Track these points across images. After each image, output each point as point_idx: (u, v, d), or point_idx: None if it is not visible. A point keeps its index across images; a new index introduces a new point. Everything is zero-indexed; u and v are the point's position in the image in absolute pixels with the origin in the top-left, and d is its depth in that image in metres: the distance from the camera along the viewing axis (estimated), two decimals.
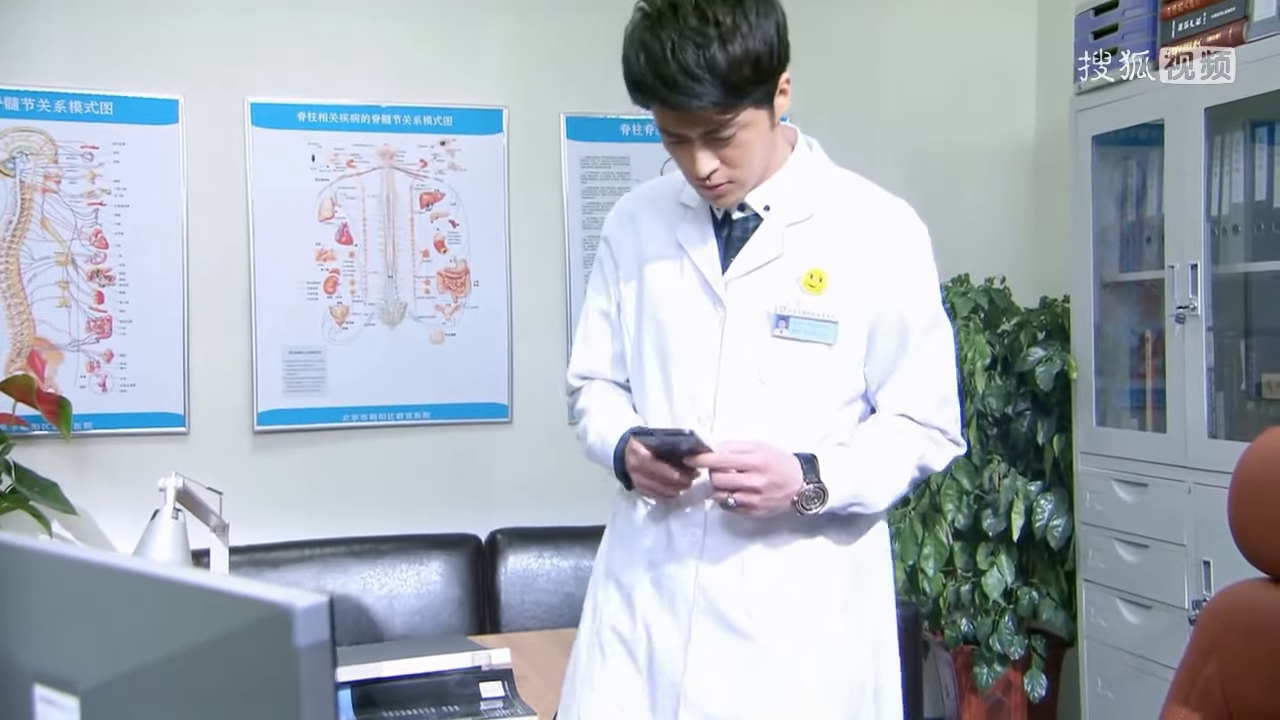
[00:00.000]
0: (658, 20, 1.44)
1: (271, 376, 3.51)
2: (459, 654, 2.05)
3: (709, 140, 1.48)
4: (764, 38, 1.44)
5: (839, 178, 1.66)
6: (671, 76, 1.41)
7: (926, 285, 1.66)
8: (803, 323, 1.55)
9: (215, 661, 0.66)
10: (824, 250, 1.58)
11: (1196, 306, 2.70)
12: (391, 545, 3.50)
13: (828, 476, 1.53)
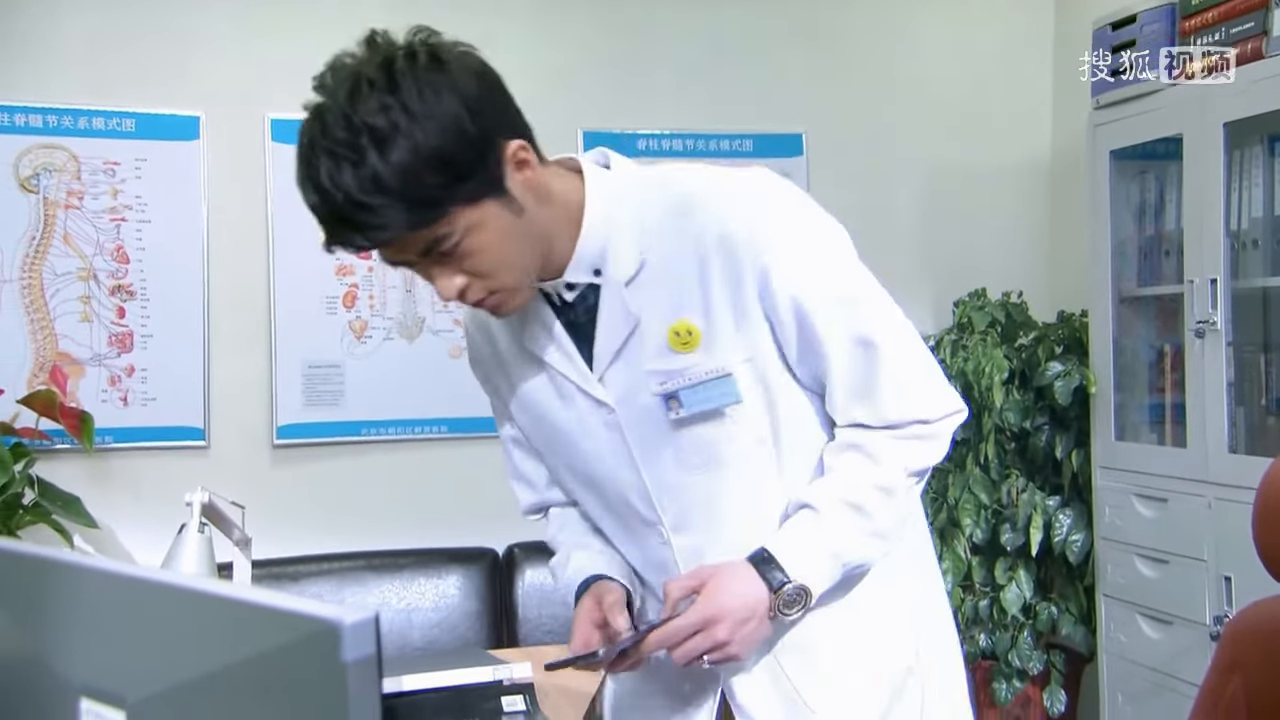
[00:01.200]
0: (311, 149, 1.19)
1: (291, 390, 3.53)
2: (480, 668, 2.05)
3: (435, 259, 1.21)
4: (441, 124, 1.15)
5: (652, 191, 1.33)
6: (340, 209, 1.17)
7: (809, 260, 1.31)
8: (694, 392, 1.29)
9: (262, 676, 0.66)
10: (675, 296, 1.29)
11: (1216, 321, 2.70)
12: (410, 559, 3.51)
13: (793, 566, 1.28)
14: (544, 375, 1.37)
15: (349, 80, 1.18)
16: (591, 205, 1.30)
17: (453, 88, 1.17)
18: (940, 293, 3.93)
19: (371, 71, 1.17)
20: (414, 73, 1.17)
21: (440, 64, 1.19)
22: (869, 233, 4.11)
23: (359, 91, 1.16)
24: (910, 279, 3.99)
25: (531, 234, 1.25)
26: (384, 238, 1.18)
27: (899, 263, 4.00)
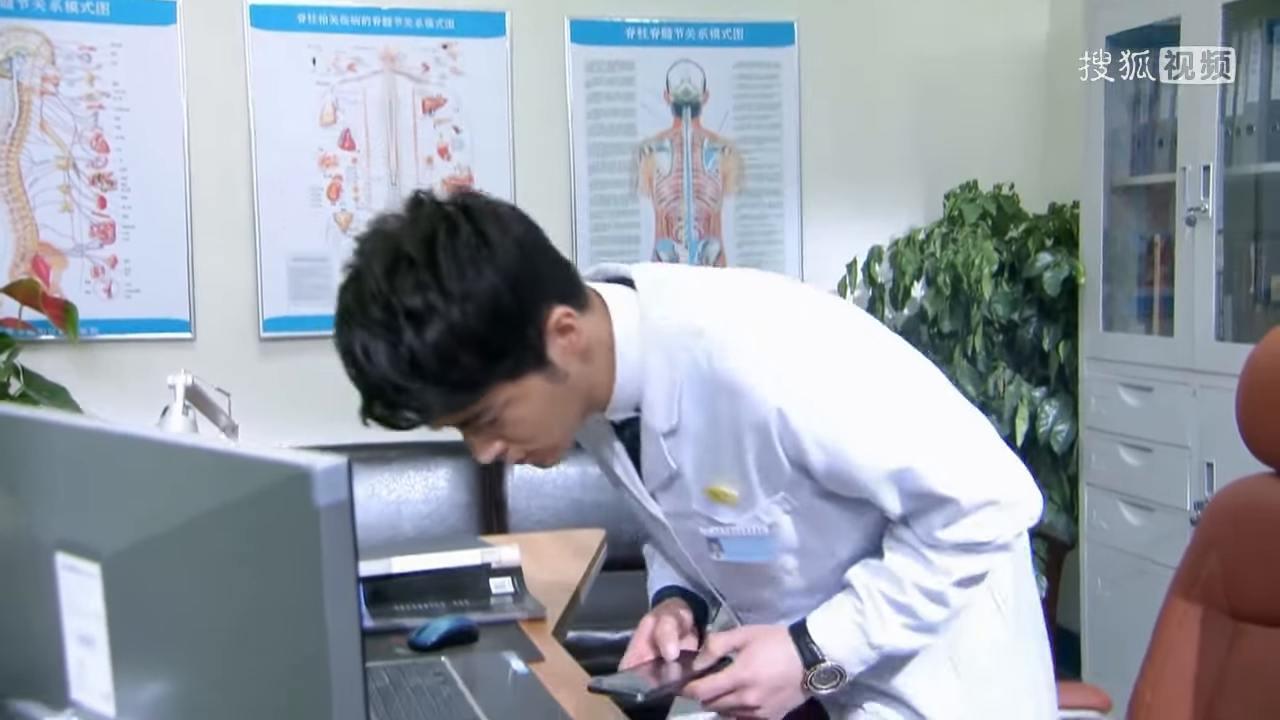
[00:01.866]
0: (346, 311, 1.17)
1: (276, 283, 3.50)
2: (468, 550, 2.07)
3: (473, 429, 1.21)
4: (479, 304, 1.12)
5: (679, 351, 1.26)
6: (376, 387, 1.15)
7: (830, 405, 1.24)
8: (733, 542, 1.32)
9: (235, 524, 0.66)
10: (710, 461, 1.29)
11: (1208, 209, 2.68)
12: (397, 452, 3.52)
13: (830, 647, 1.29)
14: (614, 472, 1.39)
15: (389, 254, 1.15)
16: (623, 352, 1.26)
17: (492, 262, 1.14)
18: (931, 185, 3.89)
19: (411, 247, 1.14)
20: (454, 249, 1.13)
21: (483, 237, 1.15)
22: (860, 124, 4.08)
23: (398, 269, 1.13)
24: (901, 171, 3.95)
25: (574, 395, 1.23)
26: (420, 420, 1.17)
27: (890, 154, 3.96)
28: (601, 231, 3.78)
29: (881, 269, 3.71)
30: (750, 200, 3.89)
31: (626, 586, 3.37)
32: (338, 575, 0.63)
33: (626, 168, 3.78)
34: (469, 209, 1.18)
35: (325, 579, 0.62)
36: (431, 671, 1.61)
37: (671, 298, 1.29)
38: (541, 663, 1.71)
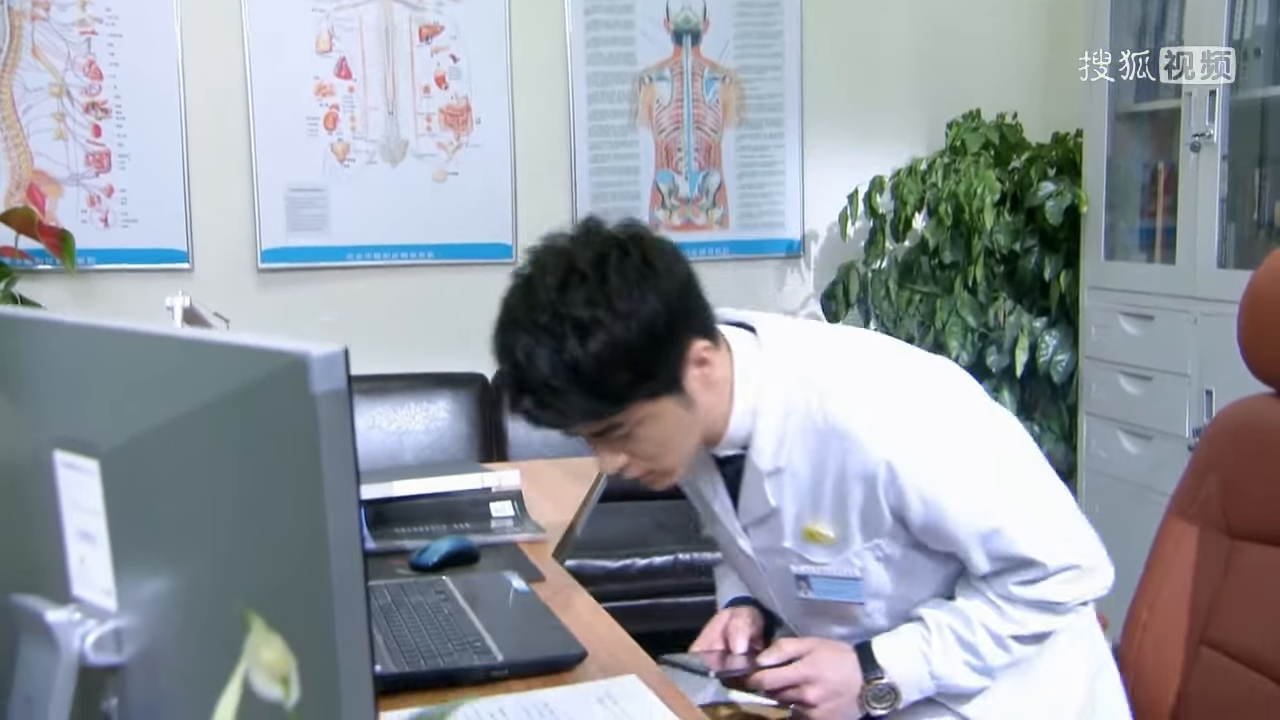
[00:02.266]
0: (511, 320, 1.23)
1: (274, 214, 3.48)
2: (470, 475, 2.08)
3: (604, 440, 1.29)
4: (640, 323, 1.19)
5: (798, 400, 1.33)
6: (529, 386, 1.21)
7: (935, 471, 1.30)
8: (823, 582, 1.39)
9: (233, 415, 0.66)
10: (810, 503, 1.35)
11: (1213, 134, 2.65)
12: (398, 383, 3.53)
13: (891, 667, 1.36)
14: (709, 508, 1.46)
15: (562, 267, 1.22)
16: (741, 393, 1.33)
17: (656, 289, 1.21)
18: (933, 114, 3.85)
19: (584, 264, 1.21)
20: (623, 271, 1.21)
21: (650, 265, 1.23)
22: (862, 52, 4.03)
23: (570, 282, 1.20)
24: (903, 100, 3.91)
25: (697, 425, 1.31)
26: (562, 423, 1.26)
27: (892, 83, 3.91)
28: (601, 163, 3.75)
29: (883, 199, 3.69)
30: (751, 131, 3.85)
31: (626, 517, 3.40)
32: (337, 463, 0.62)
33: (626, 97, 3.74)
34: (639, 238, 1.27)
35: (324, 466, 0.62)
36: (433, 590, 1.62)
37: (792, 348, 1.36)
38: (542, 582, 1.72)
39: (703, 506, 1.50)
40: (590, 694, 1.31)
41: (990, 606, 1.36)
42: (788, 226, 3.91)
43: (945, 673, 1.37)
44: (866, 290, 3.68)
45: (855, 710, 1.38)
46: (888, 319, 3.64)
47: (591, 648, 1.44)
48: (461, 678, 1.35)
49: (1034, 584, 1.34)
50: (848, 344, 1.41)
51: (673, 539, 3.21)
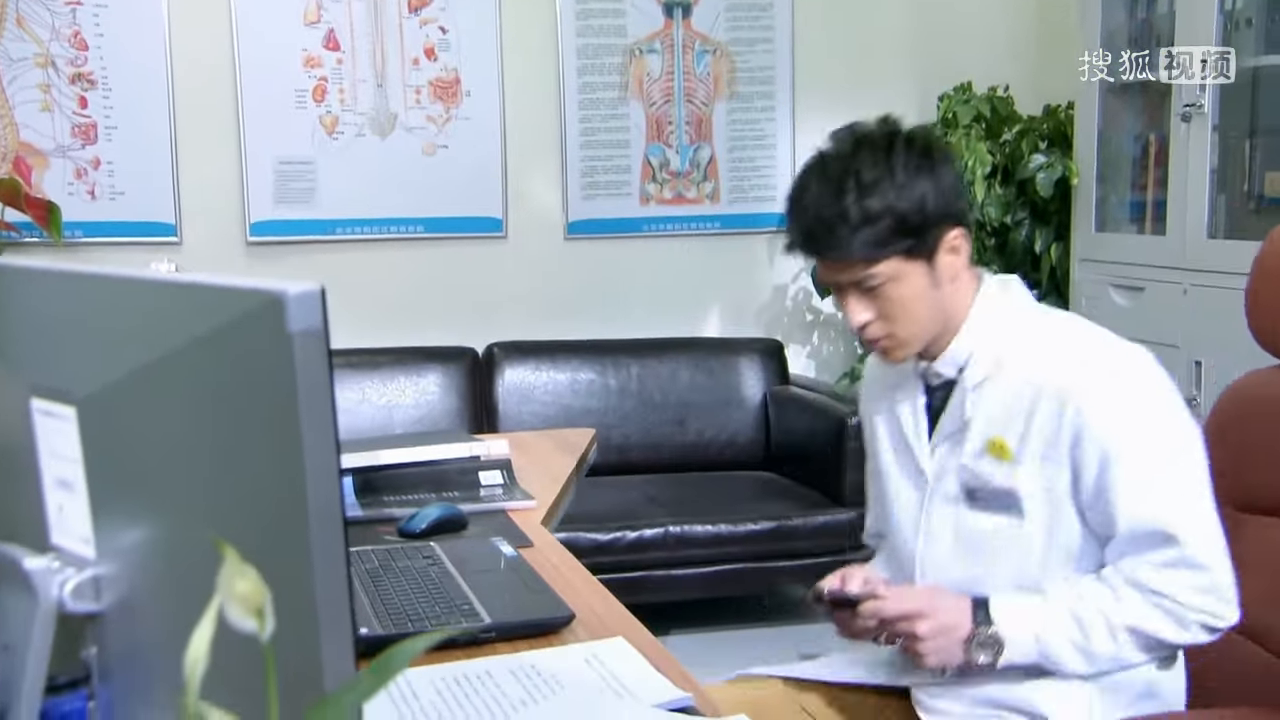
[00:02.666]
0: (807, 174, 1.45)
1: (262, 187, 3.46)
2: (458, 444, 2.08)
3: (858, 290, 1.45)
4: (913, 197, 1.40)
5: (1036, 324, 1.48)
6: (810, 228, 1.43)
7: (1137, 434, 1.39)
8: (990, 495, 1.46)
9: (209, 357, 0.65)
10: (1007, 412, 1.45)
11: (1204, 104, 2.64)
12: (388, 357, 3.52)
13: (1002, 622, 1.41)
14: (898, 434, 1.58)
15: (858, 140, 1.43)
16: (975, 316, 1.48)
17: (931, 173, 1.41)
18: (925, 87, 3.84)
19: (877, 139, 1.43)
20: (909, 152, 1.41)
21: (930, 154, 1.43)
22: (853, 25, 4.01)
23: (862, 148, 1.42)
24: (895, 72, 3.90)
25: (936, 306, 1.45)
26: (832, 255, 1.42)
27: (884, 56, 3.90)
28: (591, 136, 3.73)
29: None
30: (742, 104, 3.84)
31: (616, 490, 3.41)
32: (314, 402, 0.62)
33: (616, 70, 3.72)
34: (925, 134, 1.48)
35: (301, 407, 0.62)
36: (420, 555, 1.62)
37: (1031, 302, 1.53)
38: (530, 548, 1.72)
39: (889, 431, 1.59)
40: (577, 655, 1.31)
41: (1111, 593, 1.40)
42: (779, 200, 3.87)
43: (1050, 640, 1.41)
44: None
45: (959, 653, 1.43)
46: None
47: (580, 612, 1.44)
48: (447, 640, 1.34)
49: (1166, 569, 1.38)
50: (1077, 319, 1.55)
51: (663, 512, 3.21)
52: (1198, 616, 1.38)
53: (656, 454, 3.65)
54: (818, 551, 3.21)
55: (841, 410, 3.34)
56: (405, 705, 1.19)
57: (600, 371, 3.66)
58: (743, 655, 3.14)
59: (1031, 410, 1.42)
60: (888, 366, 1.58)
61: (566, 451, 2.38)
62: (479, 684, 1.24)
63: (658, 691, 1.22)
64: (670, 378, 3.69)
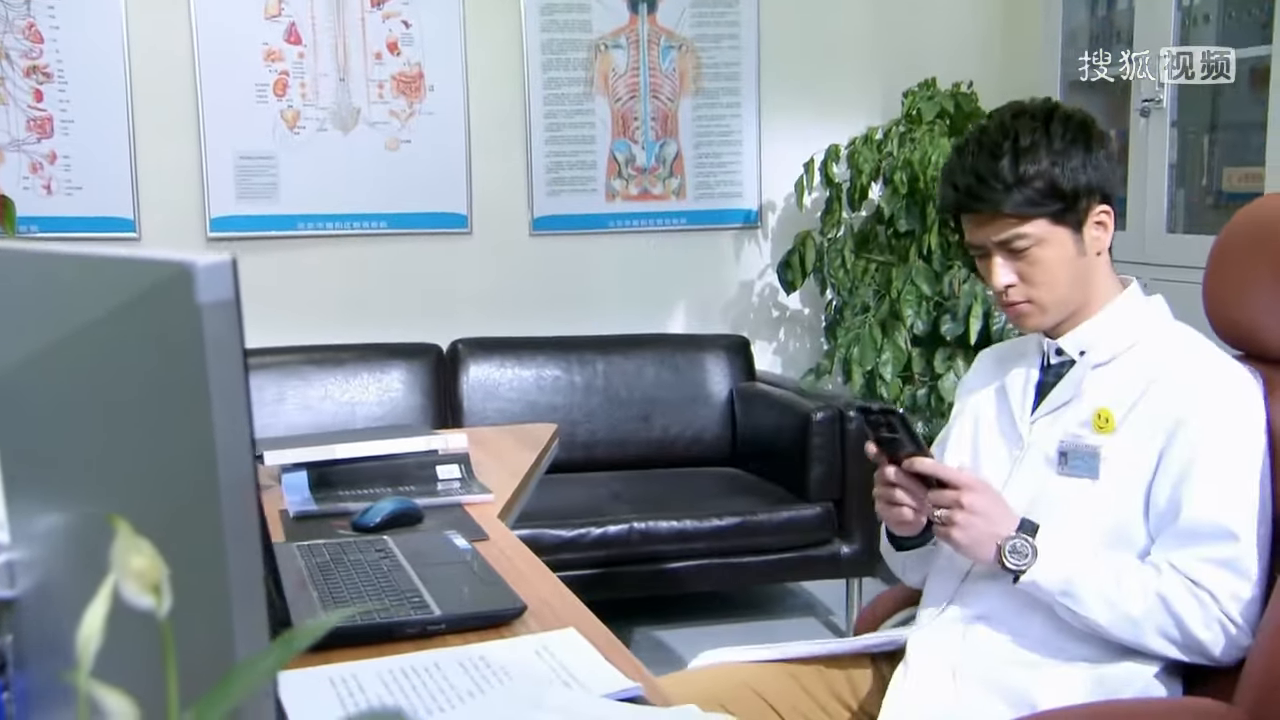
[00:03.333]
0: (967, 140, 1.52)
1: (223, 182, 3.43)
2: (416, 438, 2.06)
3: (1004, 251, 1.50)
4: (1066, 165, 1.47)
5: (1169, 330, 1.54)
6: (965, 183, 1.48)
7: (1230, 442, 1.45)
8: (1077, 458, 1.51)
9: (119, 330, 0.63)
10: (1119, 390, 1.50)
11: (1162, 100, 2.66)
12: (351, 354, 3.49)
13: (1045, 543, 1.44)
14: (999, 403, 1.62)
15: (1018, 110, 1.52)
16: (1117, 305, 1.54)
17: (1085, 147, 1.48)
18: (889, 83, 3.85)
19: (1036, 110, 1.51)
20: (1066, 125, 1.49)
21: (1086, 131, 1.50)
22: (818, 22, 4.01)
23: (1021, 116, 1.50)
24: (860, 68, 3.90)
25: (1078, 275, 1.51)
26: (977, 207, 1.48)
27: (849, 53, 3.90)
28: (556, 131, 3.72)
29: (839, 169, 3.68)
30: (708, 100, 3.83)
31: (581, 487, 3.39)
32: (225, 376, 0.60)
33: (581, 65, 3.71)
34: (1083, 112, 1.54)
35: (211, 380, 0.60)
36: (373, 548, 1.60)
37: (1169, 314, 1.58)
38: (486, 541, 1.70)
39: (992, 404, 1.63)
40: (527, 646, 1.30)
41: (1154, 569, 1.43)
42: (745, 196, 3.90)
43: (1082, 582, 1.43)
44: (822, 259, 3.68)
45: (991, 547, 1.45)
46: (843, 288, 3.64)
47: (533, 604, 1.42)
48: (397, 632, 1.33)
49: (1213, 566, 1.41)
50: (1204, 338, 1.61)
51: (628, 508, 3.20)
52: (1224, 619, 1.40)
53: (622, 450, 3.64)
54: (783, 547, 3.21)
55: (807, 406, 3.34)
56: (350, 698, 1.18)
57: (566, 368, 3.64)
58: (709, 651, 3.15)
59: (1143, 392, 1.48)
60: (1003, 354, 1.67)
61: (527, 446, 2.36)
62: (426, 676, 1.23)
63: (607, 682, 1.20)
64: (636, 374, 3.68)
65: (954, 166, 1.51)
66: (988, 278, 1.52)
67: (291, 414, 3.37)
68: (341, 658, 1.28)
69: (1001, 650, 1.50)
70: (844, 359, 3.44)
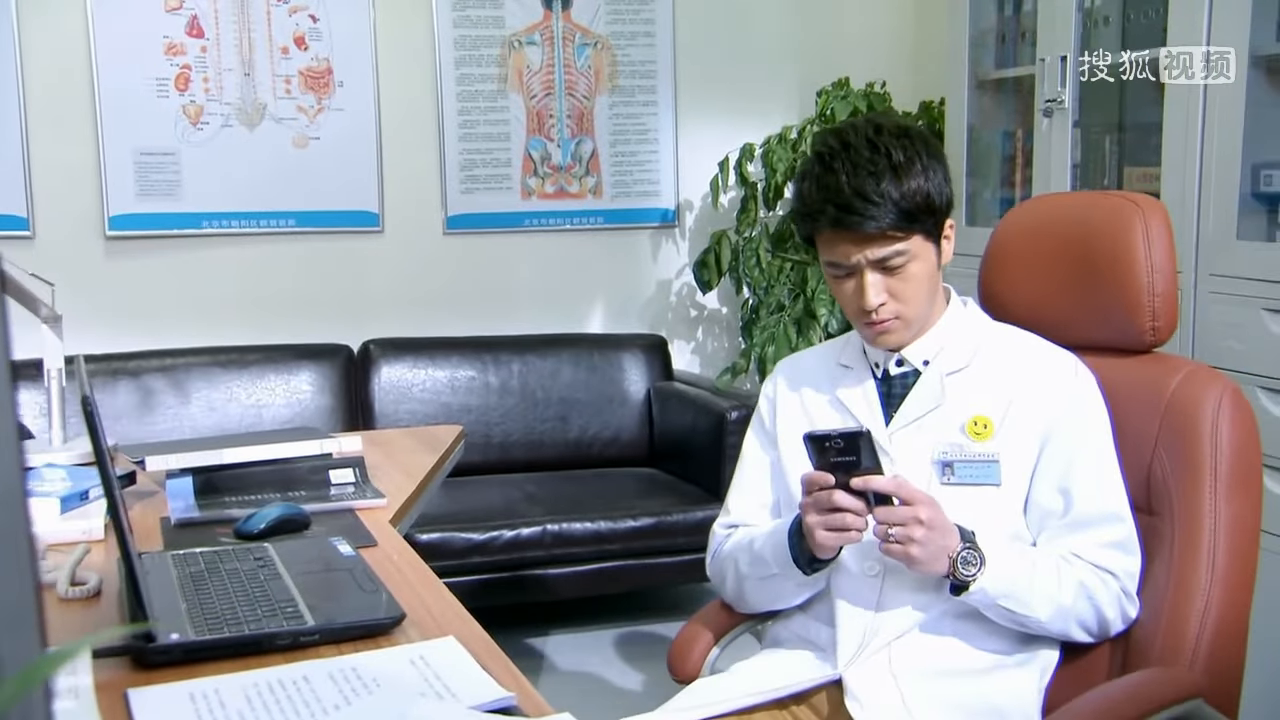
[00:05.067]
0: (831, 157, 1.48)
1: (122, 179, 3.33)
2: (308, 441, 2.00)
3: (878, 268, 1.49)
4: (933, 179, 1.48)
5: (997, 330, 1.61)
6: (847, 202, 1.45)
7: (1095, 430, 1.52)
8: (967, 467, 1.52)
9: None
10: (985, 397, 1.53)
11: (1064, 100, 2.68)
12: (258, 355, 3.41)
13: (987, 548, 1.45)
14: (841, 419, 1.59)
15: (870, 125, 1.50)
16: (947, 316, 1.58)
17: (939, 161, 1.51)
18: (803, 82, 3.86)
19: (890, 125, 1.51)
20: (924, 138, 1.51)
21: (938, 146, 1.54)
22: (734, 21, 4.00)
23: (882, 132, 1.49)
24: (776, 67, 3.91)
25: (934, 289, 1.54)
26: (868, 227, 1.45)
27: (765, 50, 3.90)
28: (470, 129, 3.67)
29: (754, 168, 3.68)
30: (624, 98, 3.81)
31: (496, 489, 3.35)
32: None
33: (494, 62, 3.66)
34: (925, 130, 1.60)
35: None
36: (252, 556, 1.55)
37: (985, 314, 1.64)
38: (373, 548, 1.66)
39: (832, 417, 1.60)
40: (403, 656, 1.26)
41: (1061, 559, 1.48)
42: (662, 195, 3.88)
43: (1026, 584, 1.45)
44: (738, 258, 3.67)
45: (944, 560, 1.44)
46: (759, 287, 3.63)
47: (415, 612, 1.39)
48: (268, 644, 1.28)
49: (1107, 549, 1.47)
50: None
51: (542, 510, 3.16)
52: (1123, 597, 1.48)
53: (538, 452, 3.60)
54: (698, 547, 3.16)
55: (722, 405, 3.33)
56: (210, 714, 1.13)
57: (481, 369, 3.59)
58: (626, 653, 3.13)
59: (1011, 399, 1.52)
60: (809, 366, 1.66)
61: (429, 449, 2.32)
62: (294, 689, 1.18)
63: (480, 691, 1.17)
64: (552, 375, 3.64)
65: (824, 182, 1.48)
66: (855, 297, 1.50)
67: (196, 417, 3.28)
68: (209, 672, 1.23)
69: (941, 663, 1.50)
70: (759, 358, 3.43)
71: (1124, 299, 1.56)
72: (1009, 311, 1.67)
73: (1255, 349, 2.24)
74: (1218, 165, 2.32)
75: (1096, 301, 1.60)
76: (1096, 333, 1.61)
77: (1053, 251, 1.64)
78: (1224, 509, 1.45)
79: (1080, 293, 1.61)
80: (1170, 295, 1.55)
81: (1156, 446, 1.52)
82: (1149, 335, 1.56)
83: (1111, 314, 1.58)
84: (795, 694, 1.57)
